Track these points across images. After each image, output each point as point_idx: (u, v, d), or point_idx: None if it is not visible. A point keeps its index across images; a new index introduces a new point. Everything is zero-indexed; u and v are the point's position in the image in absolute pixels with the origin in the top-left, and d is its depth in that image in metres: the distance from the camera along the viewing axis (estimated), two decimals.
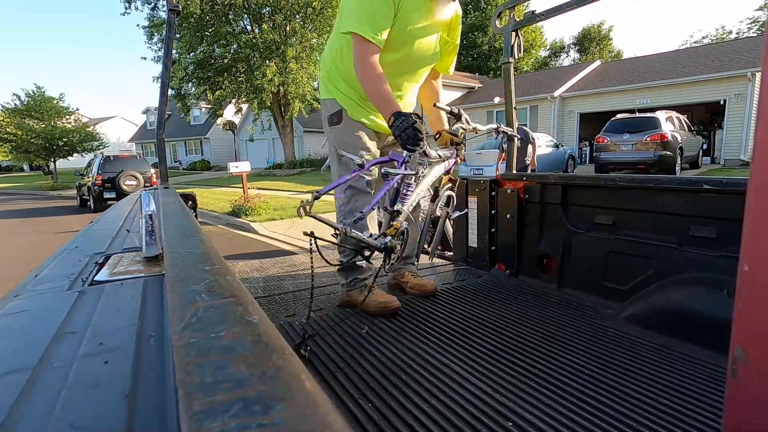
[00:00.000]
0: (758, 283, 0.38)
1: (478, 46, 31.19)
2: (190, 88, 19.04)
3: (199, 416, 0.27)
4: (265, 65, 16.82)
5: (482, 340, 1.52)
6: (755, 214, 0.39)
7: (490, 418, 1.07)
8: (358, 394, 1.19)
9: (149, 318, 0.55)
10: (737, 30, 30.01)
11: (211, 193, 13.19)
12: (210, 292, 0.50)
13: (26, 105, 22.61)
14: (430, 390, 1.20)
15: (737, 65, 12.96)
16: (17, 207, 13.23)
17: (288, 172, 19.21)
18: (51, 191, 19.22)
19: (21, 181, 27.63)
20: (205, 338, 0.38)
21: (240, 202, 8.72)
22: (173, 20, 2.29)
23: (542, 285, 2.10)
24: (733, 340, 0.40)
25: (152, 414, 0.35)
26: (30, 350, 0.46)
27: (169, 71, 2.40)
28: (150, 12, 17.62)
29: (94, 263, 0.85)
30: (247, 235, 7.15)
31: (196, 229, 0.96)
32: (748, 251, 0.39)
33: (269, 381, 0.31)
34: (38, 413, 0.35)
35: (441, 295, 1.99)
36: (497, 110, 17.98)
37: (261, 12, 17.87)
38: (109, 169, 11.31)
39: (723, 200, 1.49)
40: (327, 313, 1.79)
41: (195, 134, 30.75)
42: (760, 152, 0.38)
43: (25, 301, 0.65)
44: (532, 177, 2.24)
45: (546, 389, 1.19)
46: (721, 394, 1.18)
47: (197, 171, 26.86)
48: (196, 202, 2.39)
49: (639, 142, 10.35)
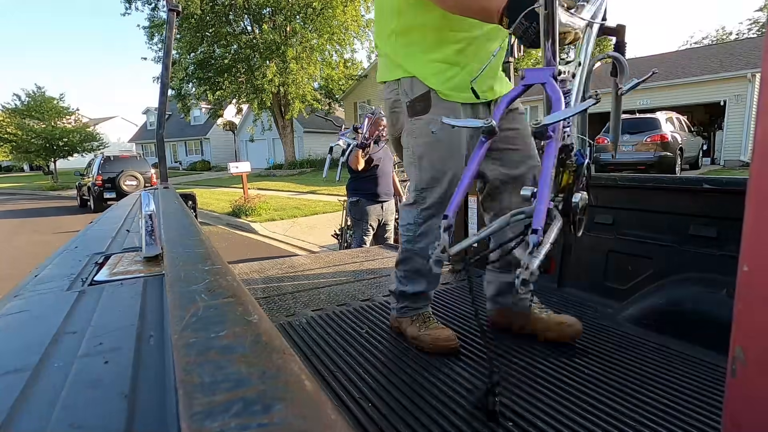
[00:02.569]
0: (758, 283, 0.38)
1: None
2: (190, 89, 19.07)
3: (199, 416, 0.27)
4: (266, 66, 16.84)
5: (482, 339, 1.51)
6: (755, 214, 0.39)
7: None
8: (358, 394, 1.19)
9: (149, 318, 0.55)
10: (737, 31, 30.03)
11: (212, 193, 13.19)
12: (210, 292, 0.50)
13: (26, 105, 22.64)
14: (430, 390, 1.19)
15: (737, 66, 12.96)
16: (17, 207, 13.22)
17: (288, 173, 19.22)
18: (51, 191, 19.22)
19: (21, 182, 27.63)
20: (205, 338, 0.38)
21: (240, 203, 8.73)
22: (173, 20, 2.29)
23: (542, 285, 2.10)
24: (733, 340, 0.40)
25: (152, 414, 0.35)
26: (30, 350, 0.46)
27: (169, 71, 2.40)
28: (150, 12, 17.66)
29: (93, 263, 0.85)
30: (248, 236, 7.15)
31: (196, 229, 0.96)
32: (748, 251, 0.39)
33: (269, 381, 0.31)
34: (38, 413, 0.35)
35: (441, 295, 1.99)
36: None
37: (261, 12, 17.89)
38: (109, 170, 11.32)
39: (723, 200, 1.49)
40: (327, 312, 1.79)
41: (195, 135, 30.75)
42: (760, 152, 0.38)
43: (25, 301, 0.65)
44: None
45: (546, 389, 1.19)
46: (720, 394, 1.18)
47: (197, 171, 26.87)
48: (196, 202, 2.39)
49: (639, 142, 10.35)
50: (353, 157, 3.31)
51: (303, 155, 23.33)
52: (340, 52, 19.14)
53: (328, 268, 2.54)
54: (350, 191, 3.55)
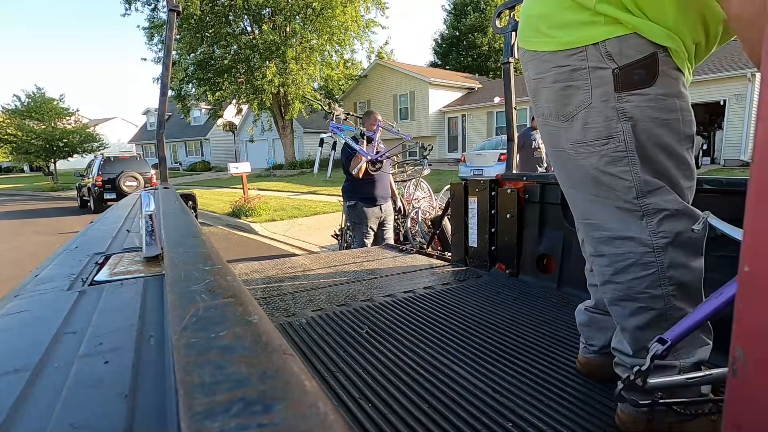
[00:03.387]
0: (758, 283, 0.38)
1: (478, 46, 31.20)
2: (190, 89, 19.10)
3: (199, 416, 0.27)
4: (265, 66, 16.85)
5: (482, 340, 1.51)
6: (755, 214, 0.39)
7: (490, 418, 1.07)
8: (358, 394, 1.19)
9: (149, 318, 0.55)
10: None
11: (212, 193, 13.19)
12: (210, 292, 0.50)
13: (26, 106, 22.65)
14: (430, 390, 1.19)
15: (737, 65, 12.95)
16: (17, 208, 13.23)
17: (288, 173, 19.23)
18: (51, 192, 19.24)
19: (21, 182, 27.66)
20: (205, 338, 0.38)
21: (240, 203, 8.74)
22: (173, 20, 2.29)
23: (542, 285, 2.10)
24: (733, 340, 0.40)
25: (152, 414, 0.35)
26: (30, 350, 0.46)
27: (170, 71, 2.41)
28: (150, 13, 17.70)
29: (94, 263, 0.85)
30: (248, 236, 7.15)
31: (196, 230, 0.96)
32: (748, 251, 0.39)
33: (269, 381, 0.31)
34: (38, 413, 0.35)
35: (441, 295, 1.99)
36: (497, 110, 17.99)
37: (261, 13, 17.92)
38: (110, 170, 11.33)
39: (723, 200, 1.49)
40: (327, 313, 1.79)
41: (195, 135, 30.77)
42: (760, 152, 0.38)
43: (25, 301, 0.65)
44: (532, 177, 2.24)
45: (546, 389, 1.19)
46: None
47: (197, 172, 26.88)
48: (196, 203, 2.39)
49: None
50: (357, 166, 3.21)
51: (303, 155, 23.35)
52: (339, 52, 19.17)
53: (328, 268, 2.54)
54: (347, 194, 3.45)
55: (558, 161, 1.10)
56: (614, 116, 0.97)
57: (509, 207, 2.24)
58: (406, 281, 2.25)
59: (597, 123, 0.98)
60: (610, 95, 0.97)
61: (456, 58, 32.33)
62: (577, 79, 1.00)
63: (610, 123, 0.97)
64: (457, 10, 32.35)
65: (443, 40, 33.79)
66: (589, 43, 0.97)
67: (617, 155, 0.98)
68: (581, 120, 1.00)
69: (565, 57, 1.00)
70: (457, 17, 32.19)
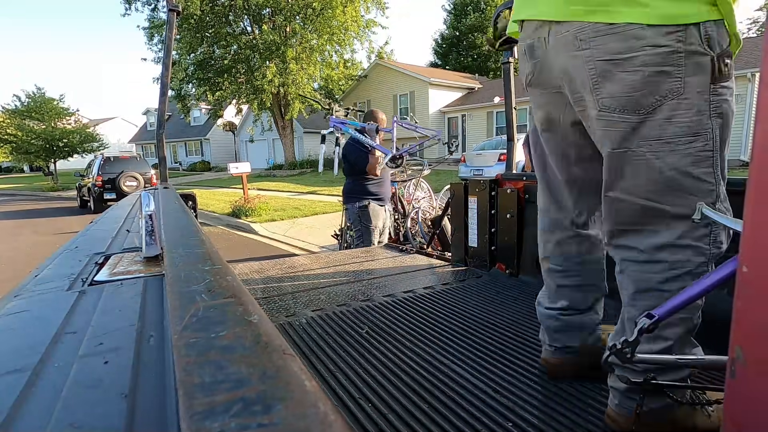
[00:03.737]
0: (758, 283, 0.38)
1: (478, 46, 31.21)
2: (190, 89, 19.10)
3: (199, 416, 0.27)
4: (265, 66, 16.85)
5: (482, 340, 1.51)
6: (755, 214, 0.39)
7: (490, 418, 1.07)
8: (358, 394, 1.19)
9: (149, 318, 0.55)
10: None
11: (212, 194, 13.20)
12: (210, 292, 0.50)
13: (26, 106, 22.65)
14: (430, 390, 1.19)
15: (736, 65, 12.90)
16: (17, 208, 13.23)
17: (288, 173, 19.23)
18: (51, 192, 19.25)
19: (21, 182, 27.66)
20: (205, 338, 0.38)
21: (240, 203, 8.74)
22: (173, 20, 2.29)
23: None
24: (732, 340, 0.40)
25: (152, 414, 0.35)
26: (30, 350, 0.46)
27: (170, 71, 2.41)
28: (150, 13, 17.70)
29: (94, 263, 0.85)
30: (248, 236, 7.16)
31: (196, 229, 0.96)
32: (747, 251, 0.39)
33: (269, 381, 0.31)
34: (38, 413, 0.35)
35: (441, 295, 1.99)
36: (497, 110, 17.99)
37: (261, 13, 17.92)
38: (109, 170, 11.34)
39: None
40: (327, 313, 1.79)
41: (195, 135, 30.76)
42: (759, 152, 0.38)
43: (25, 301, 0.65)
44: (533, 177, 2.24)
45: (546, 389, 1.19)
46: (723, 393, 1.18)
47: (197, 172, 26.88)
48: (196, 203, 2.39)
49: None
50: (380, 166, 3.12)
51: (303, 156, 23.34)
52: (339, 52, 19.17)
53: (328, 268, 2.54)
54: (357, 195, 3.28)
55: (615, 164, 0.93)
56: (706, 110, 0.84)
57: (509, 207, 2.24)
58: (406, 281, 2.25)
59: (685, 117, 0.84)
60: (705, 86, 0.84)
61: (456, 58, 32.35)
62: (671, 64, 0.84)
63: (702, 118, 0.84)
64: (457, 10, 32.37)
65: (443, 40, 33.81)
66: (691, 21, 0.82)
67: (703, 155, 0.86)
68: (665, 113, 0.85)
69: (664, 35, 0.83)
70: (457, 17, 32.21)
